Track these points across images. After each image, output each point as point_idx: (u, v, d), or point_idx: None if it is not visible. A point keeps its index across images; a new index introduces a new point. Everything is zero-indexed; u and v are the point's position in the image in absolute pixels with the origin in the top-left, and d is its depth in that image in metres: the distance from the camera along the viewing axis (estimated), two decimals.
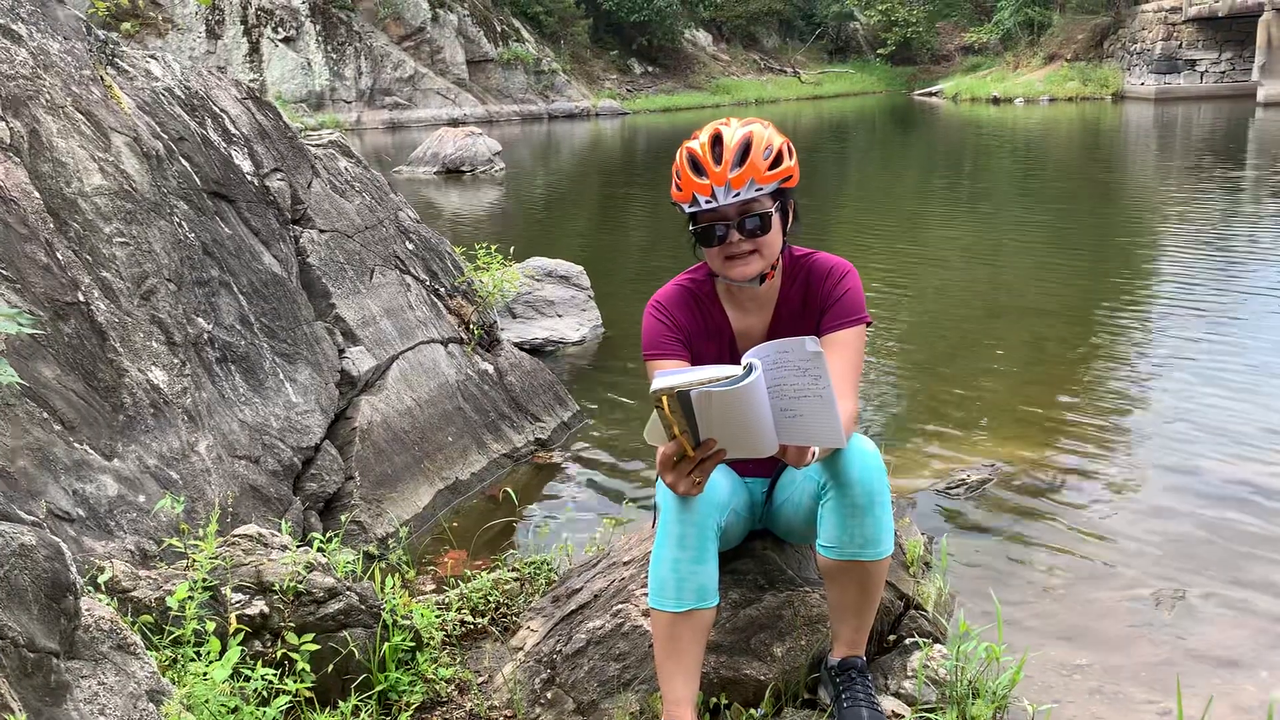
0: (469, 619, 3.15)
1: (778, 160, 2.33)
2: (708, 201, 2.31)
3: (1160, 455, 4.84)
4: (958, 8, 48.46)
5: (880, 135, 28.70)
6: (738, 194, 2.29)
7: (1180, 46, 31.83)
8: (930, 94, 42.59)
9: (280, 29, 33.70)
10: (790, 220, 2.44)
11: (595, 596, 2.88)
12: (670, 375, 1.97)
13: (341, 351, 4.58)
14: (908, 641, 2.77)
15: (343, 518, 3.98)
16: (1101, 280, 8.60)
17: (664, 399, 1.96)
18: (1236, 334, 6.73)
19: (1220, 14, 29.72)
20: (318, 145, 5.34)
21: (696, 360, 2.50)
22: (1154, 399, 5.63)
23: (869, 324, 2.51)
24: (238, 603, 2.63)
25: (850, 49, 53.50)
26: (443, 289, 5.56)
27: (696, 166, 2.32)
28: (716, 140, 2.32)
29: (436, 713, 2.79)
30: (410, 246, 5.49)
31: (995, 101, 36.00)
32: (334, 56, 34.33)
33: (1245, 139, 20.66)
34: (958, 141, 25.06)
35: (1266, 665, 3.15)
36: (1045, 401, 5.63)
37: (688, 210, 2.38)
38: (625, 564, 2.93)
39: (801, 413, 2.06)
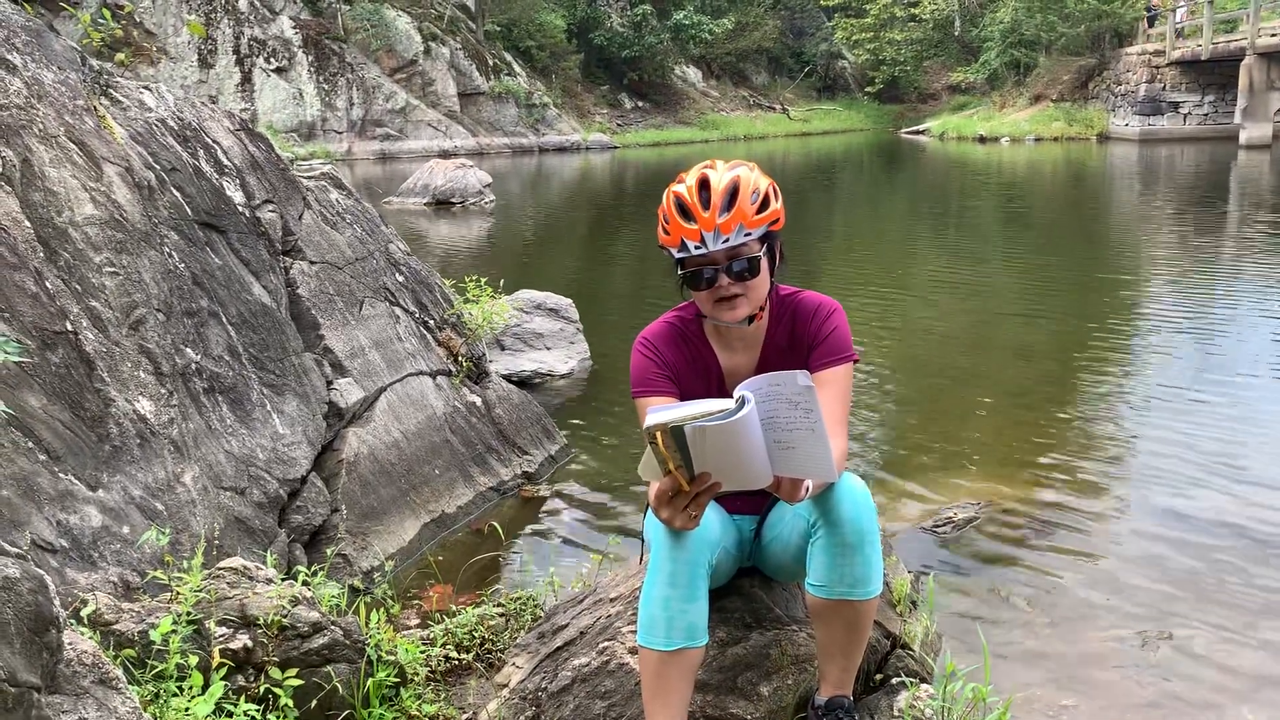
0: (454, 655, 3.13)
1: (765, 204, 2.33)
2: (697, 247, 2.30)
3: (1147, 495, 4.85)
4: (945, 48, 49.04)
5: (868, 173, 28.94)
6: (726, 239, 2.29)
7: (1164, 89, 32.24)
8: (917, 132, 43.02)
9: (273, 59, 33.88)
10: (778, 261, 2.46)
11: (581, 633, 2.86)
12: (664, 411, 1.98)
13: (329, 383, 4.57)
14: (894, 681, 2.76)
15: (328, 551, 3.95)
16: (1087, 319, 8.66)
17: (658, 435, 1.96)
18: (1220, 373, 6.77)
19: (1203, 57, 30.15)
20: (309, 177, 5.36)
21: (685, 397, 2.50)
22: (1139, 438, 5.66)
23: (856, 361, 2.52)
24: (221, 636, 2.61)
25: (838, 87, 54.11)
26: (432, 321, 5.57)
27: (684, 211, 2.31)
28: (704, 185, 2.31)
29: None
30: (400, 278, 5.50)
31: (981, 140, 36.37)
32: (326, 87, 34.51)
33: (1228, 181, 20.90)
34: (945, 180, 25.28)
35: (1250, 706, 3.15)
36: (1032, 440, 5.65)
37: (676, 255, 2.37)
38: (612, 600, 2.92)
39: (794, 445, 2.06)
